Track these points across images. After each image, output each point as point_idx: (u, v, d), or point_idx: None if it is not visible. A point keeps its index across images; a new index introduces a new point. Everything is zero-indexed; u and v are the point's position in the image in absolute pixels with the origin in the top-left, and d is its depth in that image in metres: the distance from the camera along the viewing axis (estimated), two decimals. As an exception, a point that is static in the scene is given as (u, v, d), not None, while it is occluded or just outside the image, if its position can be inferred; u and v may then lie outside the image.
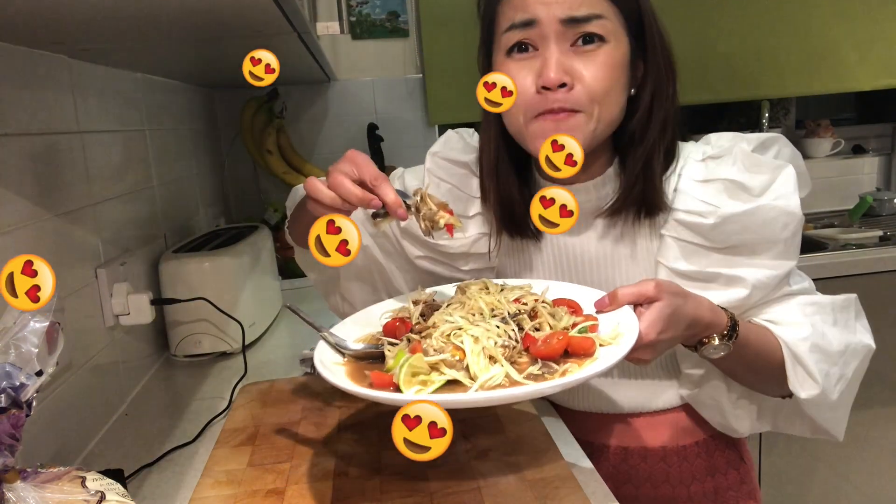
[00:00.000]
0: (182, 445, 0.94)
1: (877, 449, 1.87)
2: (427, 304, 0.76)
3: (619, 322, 0.68)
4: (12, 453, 0.53)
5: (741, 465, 0.96)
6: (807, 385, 0.80)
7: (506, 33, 0.79)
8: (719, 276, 0.80)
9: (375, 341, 0.74)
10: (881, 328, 0.91)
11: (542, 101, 0.77)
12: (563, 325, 0.67)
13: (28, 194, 0.86)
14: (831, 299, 0.83)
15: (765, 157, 0.81)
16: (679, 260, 0.81)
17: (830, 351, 0.80)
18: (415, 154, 2.18)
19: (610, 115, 0.79)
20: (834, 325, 0.82)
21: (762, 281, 0.79)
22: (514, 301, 0.72)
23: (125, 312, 1.09)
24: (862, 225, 2.20)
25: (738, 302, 0.79)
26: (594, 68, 0.76)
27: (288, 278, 1.83)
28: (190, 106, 1.77)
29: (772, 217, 0.77)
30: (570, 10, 0.75)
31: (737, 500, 0.95)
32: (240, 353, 1.27)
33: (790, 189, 0.78)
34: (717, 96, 2.21)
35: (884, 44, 2.23)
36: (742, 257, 0.79)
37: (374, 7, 2.09)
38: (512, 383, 0.60)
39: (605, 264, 0.87)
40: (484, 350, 0.63)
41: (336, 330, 0.76)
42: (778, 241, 0.78)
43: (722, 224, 0.78)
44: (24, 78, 0.89)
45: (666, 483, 0.92)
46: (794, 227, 0.78)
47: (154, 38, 0.98)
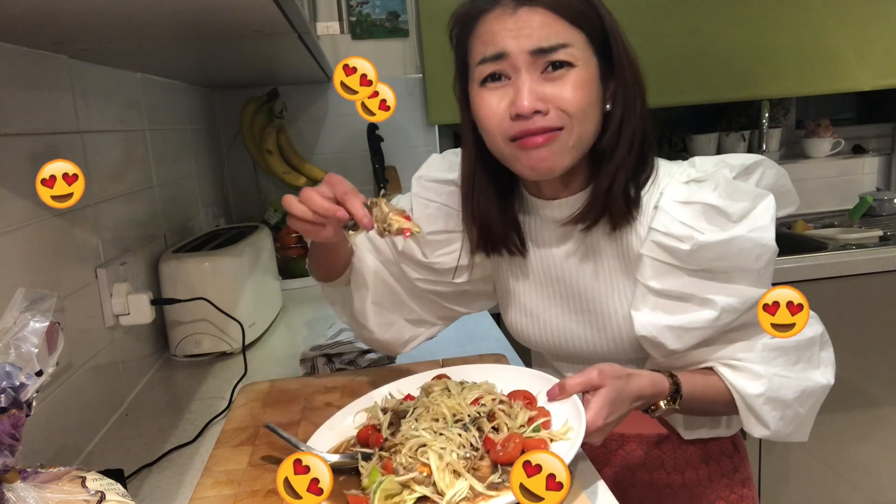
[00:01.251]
0: (182, 445, 0.94)
1: (877, 449, 1.87)
2: (395, 412, 0.81)
3: (567, 418, 0.76)
4: (12, 453, 0.54)
5: (735, 453, 0.99)
6: (759, 429, 0.85)
7: (479, 66, 0.82)
8: (692, 296, 0.82)
9: (350, 447, 0.81)
10: (881, 328, 0.91)
11: (519, 126, 0.80)
12: (520, 423, 0.75)
13: (28, 194, 0.86)
14: (796, 341, 0.85)
15: (747, 183, 0.83)
16: (654, 279, 0.84)
17: (786, 399, 0.84)
18: (415, 154, 2.20)
19: (587, 131, 0.82)
20: (795, 364, 0.85)
21: (732, 305, 0.81)
22: (474, 402, 0.78)
23: (125, 312, 1.09)
24: (862, 225, 2.20)
25: (708, 323, 0.82)
26: (565, 90, 0.79)
27: (288, 278, 1.83)
28: (190, 106, 1.77)
29: (746, 248, 0.79)
30: (538, 42, 0.78)
31: (730, 488, 0.98)
32: (240, 353, 1.27)
33: (767, 221, 0.79)
34: (717, 96, 2.20)
35: (883, 44, 2.23)
36: (715, 282, 0.82)
37: (374, 7, 2.09)
38: (475, 494, 0.67)
39: (584, 278, 0.90)
40: (448, 465, 0.69)
41: (313, 439, 0.82)
42: (751, 271, 0.81)
43: (698, 251, 0.80)
44: (24, 78, 0.89)
45: (661, 469, 0.96)
46: (768, 259, 0.80)
47: (154, 38, 0.98)
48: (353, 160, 2.15)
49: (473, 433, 0.73)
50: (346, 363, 1.18)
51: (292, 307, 1.66)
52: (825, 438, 1.82)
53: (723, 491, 0.97)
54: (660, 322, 0.83)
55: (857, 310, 1.75)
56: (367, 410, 0.85)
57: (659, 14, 2.11)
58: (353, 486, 0.72)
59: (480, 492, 0.67)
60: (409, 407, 0.81)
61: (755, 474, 1.82)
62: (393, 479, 0.69)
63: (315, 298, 1.73)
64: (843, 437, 1.84)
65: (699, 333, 0.83)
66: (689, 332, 0.83)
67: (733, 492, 0.98)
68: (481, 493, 0.67)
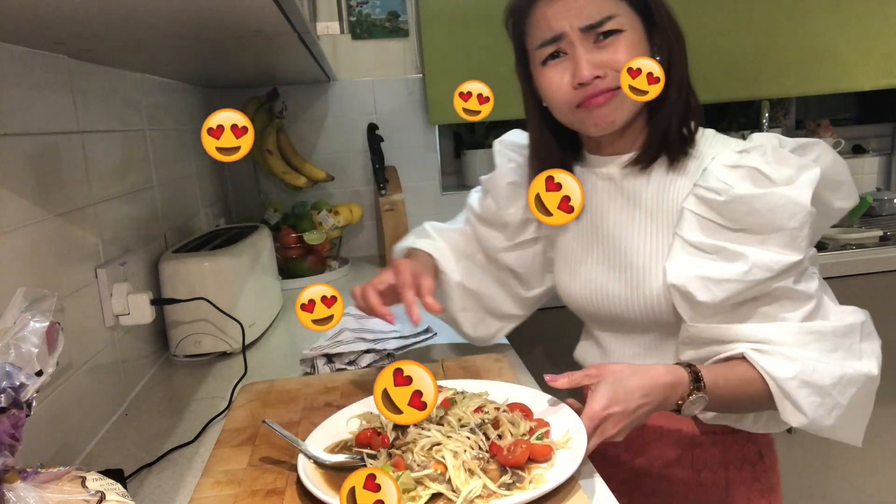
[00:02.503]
0: (182, 445, 0.94)
1: (877, 449, 1.87)
2: None
3: (568, 427, 0.77)
4: (12, 453, 0.54)
5: (758, 462, 0.97)
6: (796, 416, 0.82)
7: (538, 49, 0.92)
8: (724, 249, 0.84)
9: (347, 450, 0.80)
10: (881, 328, 0.91)
11: (582, 93, 0.89)
12: (522, 432, 0.76)
13: (28, 194, 0.86)
14: (833, 326, 0.84)
15: (798, 156, 0.85)
16: (693, 232, 0.87)
17: (822, 385, 0.81)
18: (415, 154, 2.19)
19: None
20: (834, 352, 0.83)
21: (764, 262, 0.81)
22: (476, 411, 0.79)
23: (125, 312, 1.09)
24: (862, 225, 2.20)
25: (738, 276, 0.82)
26: (618, 54, 0.88)
27: (288, 278, 1.83)
28: (190, 106, 1.77)
29: (780, 204, 0.81)
30: (587, 20, 0.88)
31: (748, 497, 0.97)
32: (240, 353, 1.27)
33: (806, 184, 0.81)
34: (717, 96, 2.21)
35: (884, 44, 2.23)
36: (750, 237, 0.83)
37: (374, 7, 2.09)
38: (488, 493, 0.68)
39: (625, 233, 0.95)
40: (464, 464, 0.70)
41: (310, 439, 0.82)
42: (784, 230, 0.81)
43: (732, 202, 0.83)
44: (25, 78, 0.89)
45: (678, 465, 0.97)
46: (802, 219, 0.81)
47: (154, 39, 0.98)
48: (353, 160, 2.15)
49: (480, 436, 0.75)
50: (346, 363, 1.18)
51: (292, 307, 1.66)
52: (825, 438, 1.82)
53: (740, 498, 0.96)
54: (691, 272, 0.85)
55: (857, 310, 1.75)
56: (361, 416, 0.85)
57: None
58: None
59: (493, 491, 0.68)
60: None
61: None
62: (409, 474, 0.69)
63: (315, 298, 1.73)
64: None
65: (729, 287, 0.82)
66: (718, 285, 0.83)
67: (751, 500, 0.97)
68: (494, 493, 0.68)
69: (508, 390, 0.90)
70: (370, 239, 2.22)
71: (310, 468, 0.76)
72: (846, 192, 0.90)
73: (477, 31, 2.03)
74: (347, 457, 0.78)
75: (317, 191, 2.11)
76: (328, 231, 1.92)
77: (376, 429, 0.80)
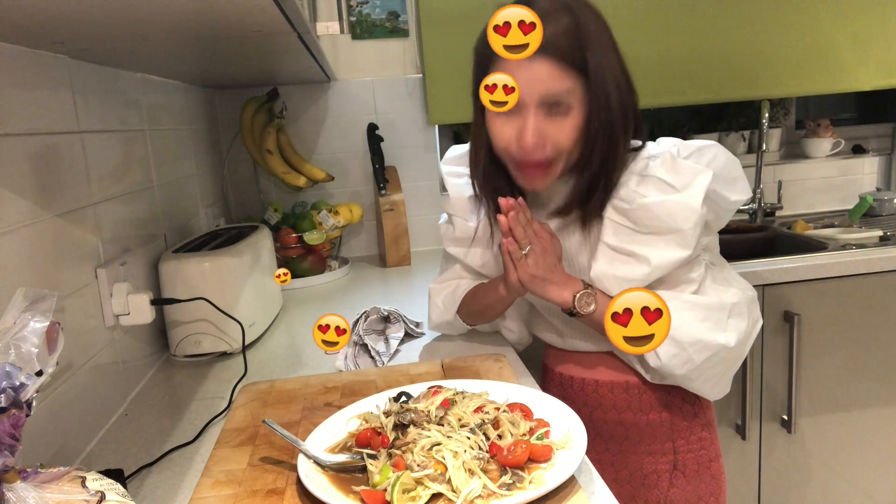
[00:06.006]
0: (182, 445, 0.94)
1: (877, 449, 1.87)
2: (398, 414, 0.82)
3: (569, 428, 0.79)
4: (12, 453, 0.54)
5: (696, 401, 1.13)
6: (653, 359, 1.01)
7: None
8: (634, 253, 0.99)
9: (347, 450, 0.81)
10: (881, 328, 0.91)
11: (521, 155, 0.98)
12: (522, 432, 0.77)
13: (28, 194, 0.86)
14: (706, 301, 1.00)
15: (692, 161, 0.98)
16: (611, 236, 1.01)
17: (681, 340, 0.97)
18: (415, 154, 2.20)
19: (575, 152, 1.00)
20: (703, 322, 0.98)
21: (663, 263, 0.97)
22: (476, 411, 0.80)
23: (125, 312, 1.09)
24: (862, 225, 2.20)
25: (642, 276, 0.98)
26: (564, 131, 0.96)
27: (288, 278, 1.83)
28: (190, 106, 1.77)
29: (677, 210, 0.95)
30: (547, 93, 0.94)
31: (690, 430, 1.13)
32: (240, 353, 1.27)
33: (699, 189, 0.95)
34: (717, 96, 2.20)
35: (883, 44, 2.23)
36: (654, 238, 0.97)
37: (374, 7, 2.09)
38: (488, 493, 0.69)
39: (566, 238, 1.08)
40: (464, 464, 0.71)
41: (310, 440, 0.83)
42: (680, 230, 0.95)
43: (638, 210, 0.97)
44: (24, 78, 0.89)
45: (628, 410, 1.13)
46: (695, 220, 0.95)
47: (154, 39, 0.98)
48: (353, 160, 2.15)
49: (480, 436, 0.75)
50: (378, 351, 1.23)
51: (292, 307, 1.66)
52: (825, 438, 1.82)
53: (683, 431, 1.12)
54: (609, 271, 1.01)
55: (857, 310, 1.75)
56: (361, 416, 0.86)
57: (659, 14, 2.10)
58: (358, 484, 0.72)
59: (493, 491, 0.69)
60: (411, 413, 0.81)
61: (755, 473, 1.82)
62: (409, 474, 0.69)
63: (315, 298, 1.73)
64: (843, 437, 1.83)
65: (634, 285, 0.98)
66: (627, 283, 0.99)
67: (693, 433, 1.13)
68: (494, 493, 0.68)
69: (508, 390, 0.91)
70: (370, 239, 2.22)
71: (310, 468, 0.76)
72: (740, 187, 1.01)
73: (477, 31, 2.02)
74: (347, 457, 0.78)
75: (317, 191, 2.11)
76: (328, 231, 1.93)
77: (376, 429, 0.80)
